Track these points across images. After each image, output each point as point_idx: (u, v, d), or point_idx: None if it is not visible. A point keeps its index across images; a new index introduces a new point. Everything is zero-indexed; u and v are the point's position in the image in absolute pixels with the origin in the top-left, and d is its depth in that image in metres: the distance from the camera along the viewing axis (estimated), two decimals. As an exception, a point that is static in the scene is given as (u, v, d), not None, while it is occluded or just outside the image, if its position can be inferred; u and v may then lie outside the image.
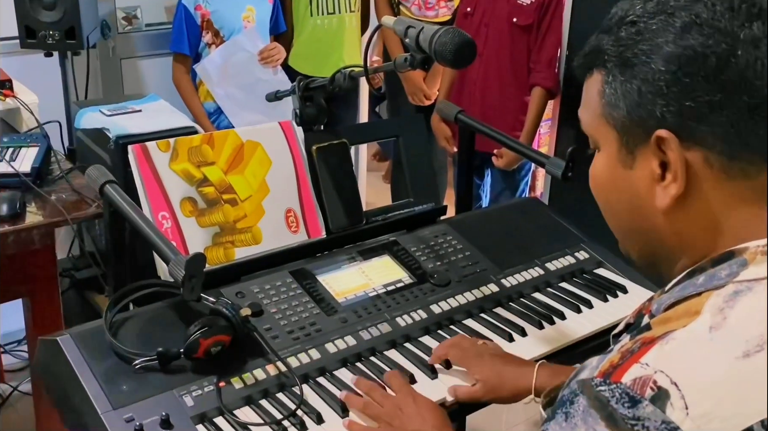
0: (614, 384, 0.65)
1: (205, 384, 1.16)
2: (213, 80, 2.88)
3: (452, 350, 1.26)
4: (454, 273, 1.52)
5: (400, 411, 1.11)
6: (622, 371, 0.66)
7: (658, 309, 0.74)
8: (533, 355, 1.33)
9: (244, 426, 1.12)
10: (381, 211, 1.64)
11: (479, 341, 1.31)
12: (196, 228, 1.39)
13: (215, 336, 1.17)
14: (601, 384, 0.66)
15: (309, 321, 1.33)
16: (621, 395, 0.65)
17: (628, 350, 0.68)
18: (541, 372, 1.19)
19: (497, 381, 1.20)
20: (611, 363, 0.68)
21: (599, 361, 0.70)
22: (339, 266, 1.47)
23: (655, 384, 0.64)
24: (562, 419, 0.68)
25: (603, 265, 1.65)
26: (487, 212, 1.97)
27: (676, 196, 0.73)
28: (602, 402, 0.65)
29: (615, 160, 0.77)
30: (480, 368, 1.21)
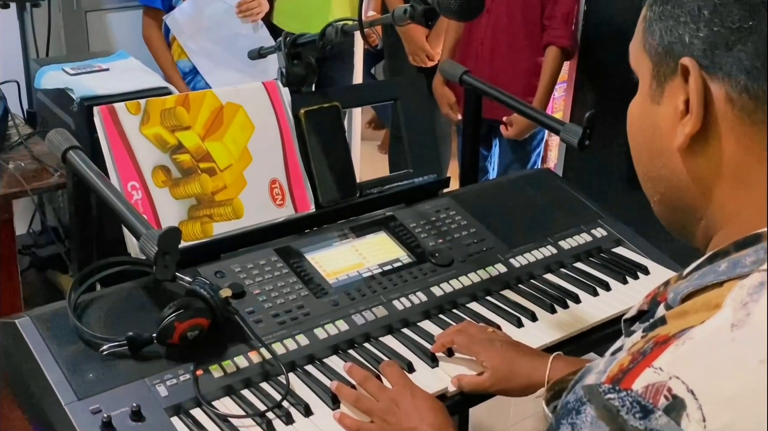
0: (624, 392, 0.65)
1: (181, 372, 1.16)
2: (185, 33, 2.85)
3: (458, 336, 1.27)
4: (458, 252, 1.51)
5: (395, 406, 1.11)
6: (632, 376, 0.65)
7: (674, 299, 0.73)
8: (544, 342, 1.34)
9: (224, 419, 1.12)
10: (377, 183, 1.64)
11: (488, 328, 1.31)
12: (170, 201, 1.39)
13: (192, 319, 1.16)
14: (609, 391, 0.66)
15: (296, 303, 1.33)
16: (632, 404, 0.64)
17: (640, 351, 0.68)
18: (556, 364, 1.19)
19: (508, 371, 1.20)
20: (621, 367, 0.67)
21: (607, 364, 0.69)
22: (329, 243, 1.47)
23: (670, 392, 0.64)
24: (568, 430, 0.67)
25: (622, 243, 1.65)
26: (495, 185, 1.97)
27: (692, 133, 0.73)
28: (611, 413, 0.65)
29: (646, 95, 0.78)
30: (489, 356, 1.22)
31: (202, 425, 1.11)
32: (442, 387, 1.23)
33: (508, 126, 2.70)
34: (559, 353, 1.23)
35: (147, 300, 1.27)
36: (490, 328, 1.30)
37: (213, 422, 1.12)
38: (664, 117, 0.76)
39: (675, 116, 0.75)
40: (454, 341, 1.26)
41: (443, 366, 1.27)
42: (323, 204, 1.54)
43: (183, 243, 1.33)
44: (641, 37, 0.79)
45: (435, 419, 1.09)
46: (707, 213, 0.76)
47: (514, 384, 1.20)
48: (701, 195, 0.76)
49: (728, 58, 0.72)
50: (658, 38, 0.76)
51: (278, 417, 1.14)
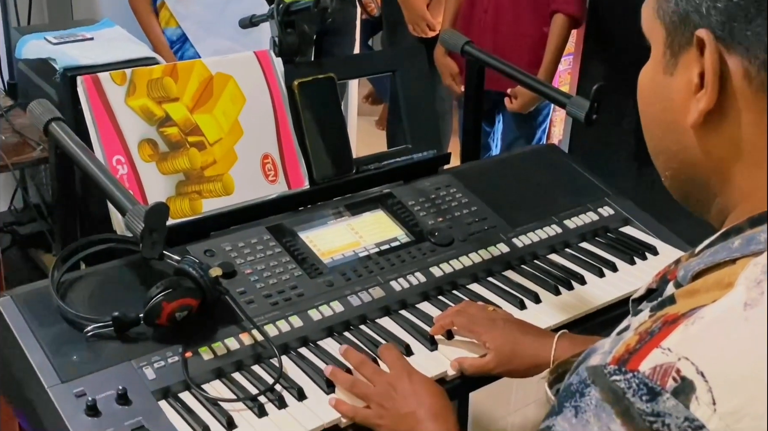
0: (631, 373, 0.65)
1: (169, 354, 1.17)
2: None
3: (458, 317, 1.27)
4: (458, 231, 1.52)
5: (393, 390, 1.12)
6: (639, 357, 0.65)
7: (684, 277, 0.73)
8: (548, 325, 1.34)
9: (214, 403, 1.13)
10: (374, 159, 1.64)
11: (488, 307, 1.31)
12: (157, 176, 1.39)
13: (180, 299, 1.17)
14: (615, 373, 0.65)
15: (289, 284, 1.33)
16: (639, 386, 0.64)
17: (647, 331, 0.67)
18: (562, 343, 1.19)
19: (511, 352, 1.20)
20: (627, 347, 0.67)
21: (613, 344, 0.69)
22: (324, 222, 1.47)
23: (678, 373, 0.63)
24: (572, 414, 0.67)
25: (630, 223, 1.65)
26: (497, 161, 1.97)
27: (706, 110, 0.73)
28: (617, 395, 0.64)
29: (659, 64, 0.77)
30: (492, 336, 1.22)
31: (191, 409, 1.12)
32: (441, 370, 1.24)
33: (512, 98, 2.70)
34: (565, 331, 1.23)
35: (133, 280, 1.27)
36: (491, 307, 1.31)
37: (202, 406, 1.13)
38: (677, 89, 0.75)
39: (689, 90, 0.74)
40: (454, 322, 1.27)
41: (442, 349, 1.28)
42: (318, 180, 1.54)
43: (171, 220, 1.33)
44: (654, 2, 0.77)
45: (434, 403, 1.10)
46: (722, 190, 0.76)
47: (519, 365, 1.20)
48: (716, 172, 0.75)
49: (747, 32, 0.70)
50: (674, 5, 0.74)
51: (270, 401, 1.14)
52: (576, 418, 0.67)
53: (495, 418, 2.66)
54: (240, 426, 1.10)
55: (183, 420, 1.10)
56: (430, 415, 1.08)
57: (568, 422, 0.67)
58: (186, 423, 1.10)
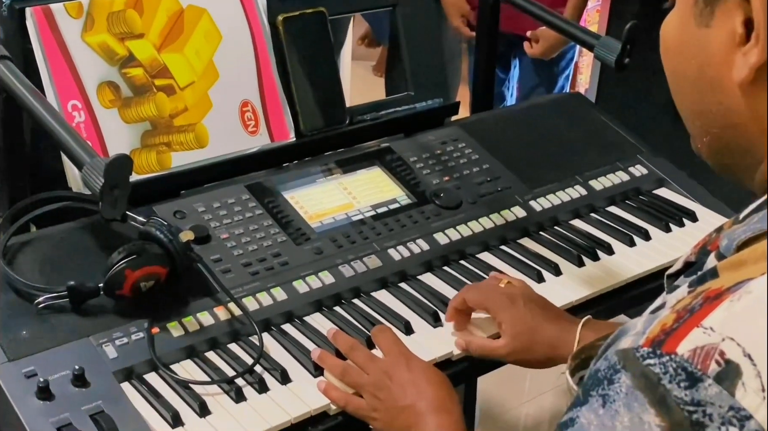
0: (667, 356, 0.65)
1: (133, 329, 1.17)
2: None
3: (470, 293, 1.26)
4: (467, 192, 1.51)
5: (388, 379, 1.11)
6: (677, 338, 0.65)
7: (728, 247, 0.73)
8: (569, 300, 1.35)
9: (185, 385, 1.13)
10: (370, 108, 1.63)
11: (504, 279, 1.30)
12: (120, 124, 1.38)
13: (146, 267, 1.16)
14: (649, 356, 0.65)
15: (272, 251, 1.33)
16: (676, 370, 0.64)
17: (687, 308, 0.67)
18: (587, 332, 1.18)
19: (529, 340, 1.19)
20: (663, 327, 0.67)
21: (646, 325, 0.69)
22: (313, 180, 1.47)
23: (722, 356, 0.63)
24: (599, 404, 0.67)
25: (666, 184, 1.65)
26: (513, 111, 1.97)
27: (757, 65, 0.71)
28: (651, 381, 0.65)
29: (689, 15, 0.76)
30: (510, 318, 1.20)
31: (158, 392, 1.12)
32: (446, 350, 1.24)
33: (533, 42, 2.68)
34: (590, 317, 1.22)
35: (92, 244, 1.27)
36: (506, 279, 1.29)
37: (171, 389, 1.13)
38: (717, 43, 0.74)
39: (731, 42, 0.72)
40: (466, 298, 1.25)
41: (448, 326, 1.28)
42: (305, 132, 1.54)
43: (135, 176, 1.34)
44: None
45: (435, 394, 1.09)
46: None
47: (536, 355, 1.20)
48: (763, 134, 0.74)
49: None
50: None
51: (250, 384, 1.15)
52: (604, 408, 0.67)
53: (506, 407, 2.68)
54: (214, 412, 1.11)
55: (149, 405, 1.10)
56: (431, 408, 1.07)
57: (595, 413, 0.67)
58: (152, 408, 1.10)
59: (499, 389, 2.66)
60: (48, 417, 1.04)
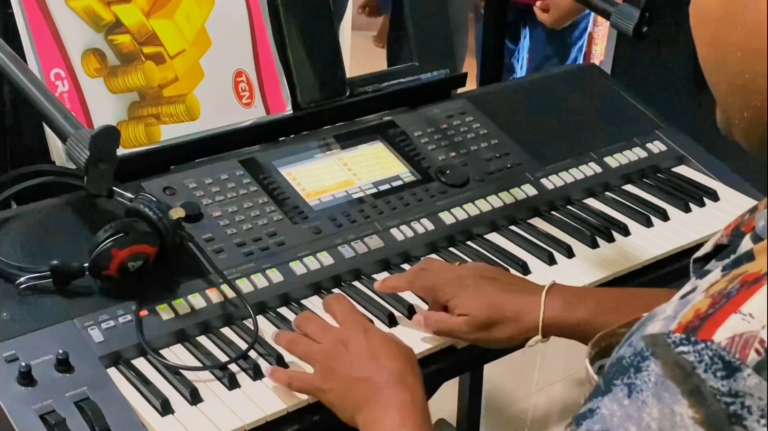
0: (702, 343, 0.64)
1: (120, 312, 1.17)
2: None
3: (418, 279, 1.24)
4: (475, 169, 1.51)
5: (343, 348, 1.09)
6: (713, 324, 0.65)
7: (765, 228, 0.73)
8: (582, 284, 1.35)
9: (176, 371, 1.13)
10: (372, 80, 1.63)
11: (454, 263, 1.29)
12: (105, 95, 1.38)
13: (134, 246, 1.16)
14: (682, 343, 0.65)
15: (267, 230, 1.33)
16: (712, 359, 0.64)
17: (722, 292, 0.67)
18: (553, 300, 1.16)
19: (488, 314, 1.17)
20: (697, 312, 0.66)
21: (677, 309, 0.68)
22: (311, 155, 1.47)
23: (762, 344, 0.63)
24: (623, 393, 0.67)
25: (686, 161, 1.65)
26: (524, 84, 1.96)
27: None
28: (685, 370, 0.64)
29: None
30: (461, 300, 1.19)
31: (146, 378, 1.12)
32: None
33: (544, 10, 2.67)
34: (555, 282, 1.20)
35: (76, 222, 1.27)
36: (457, 262, 1.28)
37: (161, 375, 1.13)
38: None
39: None
40: (413, 286, 1.25)
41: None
42: (303, 104, 1.53)
43: (122, 150, 1.33)
44: None
45: (395, 367, 1.05)
46: None
47: (499, 331, 1.17)
48: None
49: None
50: None
51: (243, 371, 1.15)
52: (629, 398, 0.66)
53: (514, 398, 2.69)
54: (206, 399, 1.11)
55: (137, 392, 1.10)
56: (390, 382, 1.04)
57: (619, 403, 0.67)
58: (141, 395, 1.10)
59: (506, 378, 2.67)
60: (30, 403, 1.04)
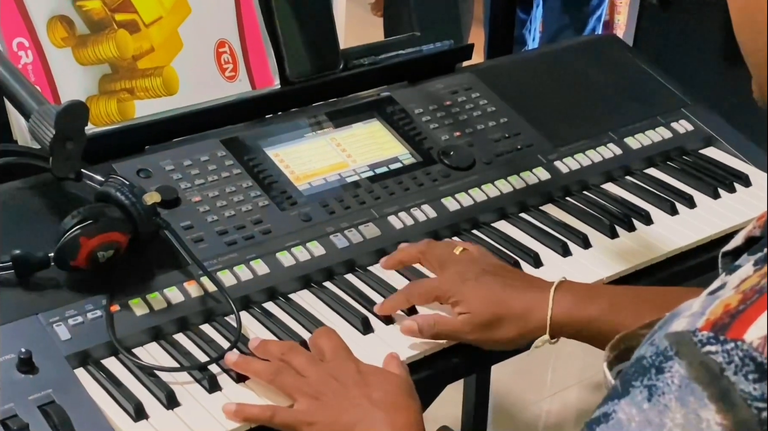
0: (732, 343, 0.64)
1: (89, 307, 1.17)
2: None
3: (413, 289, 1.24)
4: (482, 150, 1.51)
5: (334, 381, 1.09)
6: (744, 322, 0.65)
7: None
8: (600, 277, 1.35)
9: (150, 372, 1.13)
10: (368, 51, 1.63)
11: (458, 246, 1.28)
12: (74, 66, 1.38)
13: (104, 234, 1.16)
14: (710, 342, 0.65)
15: (252, 217, 1.33)
16: (743, 360, 0.63)
17: (754, 288, 0.67)
18: (562, 297, 1.17)
19: (493, 312, 1.18)
20: (726, 309, 0.66)
21: (705, 305, 0.68)
22: (300, 134, 1.47)
23: None
24: (643, 396, 0.67)
25: (715, 143, 1.65)
26: (536, 56, 1.96)
27: None
28: (712, 371, 0.64)
29: None
30: (465, 294, 1.19)
31: (118, 380, 1.12)
32: (454, 335, 1.24)
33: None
34: (565, 278, 1.21)
35: (41, 207, 1.27)
36: (460, 247, 1.27)
37: (134, 376, 1.13)
38: None
39: None
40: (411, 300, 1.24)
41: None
42: (292, 78, 1.54)
43: (92, 127, 1.33)
44: None
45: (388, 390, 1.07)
46: None
47: (504, 331, 1.18)
48: None
49: None
50: None
51: (225, 372, 1.15)
52: (649, 402, 0.66)
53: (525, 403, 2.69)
54: (184, 402, 1.11)
55: (108, 395, 1.10)
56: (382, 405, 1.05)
57: (638, 407, 0.67)
58: (111, 398, 1.10)
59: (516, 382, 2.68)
60: (-11, 407, 1.04)
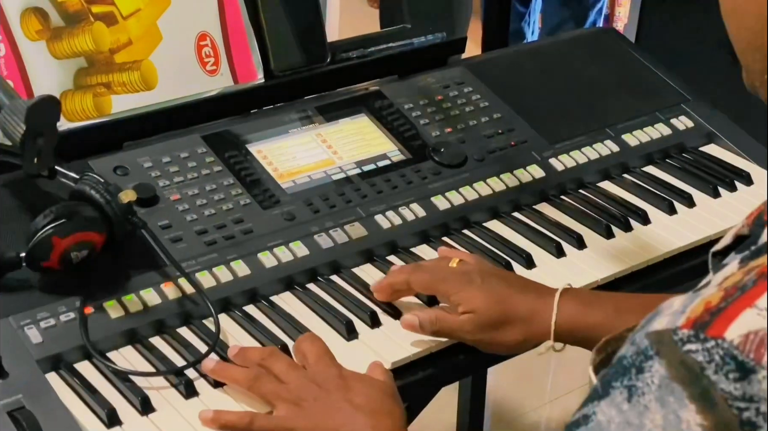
0: (713, 341, 0.65)
1: (62, 309, 1.17)
2: None
3: (415, 274, 1.25)
4: (474, 147, 1.51)
5: (316, 387, 1.10)
6: (726, 319, 0.65)
7: None
8: (594, 279, 1.35)
9: (125, 377, 1.13)
10: (357, 44, 1.63)
11: (454, 259, 1.27)
12: (48, 60, 1.38)
13: (78, 233, 1.16)
14: (690, 340, 0.66)
15: (233, 216, 1.33)
16: (723, 359, 0.64)
17: (737, 285, 0.68)
18: (567, 302, 1.19)
19: (497, 313, 1.18)
20: (708, 306, 0.67)
21: (686, 302, 0.69)
22: (285, 130, 1.47)
23: None
24: (623, 397, 0.67)
25: (716, 139, 1.65)
26: (531, 50, 1.96)
27: None
28: (692, 370, 0.65)
29: None
30: (467, 295, 1.20)
31: (91, 385, 1.12)
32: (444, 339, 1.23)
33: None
34: (570, 285, 1.22)
35: (12, 206, 1.27)
36: (457, 259, 1.27)
37: (108, 381, 1.13)
38: None
39: None
40: (410, 281, 1.24)
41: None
42: (276, 72, 1.54)
43: (67, 123, 1.34)
44: None
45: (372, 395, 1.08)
46: None
47: (507, 334, 1.19)
48: None
49: None
50: None
51: (202, 377, 1.14)
52: (629, 403, 0.67)
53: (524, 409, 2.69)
54: (160, 408, 1.11)
55: (80, 400, 1.10)
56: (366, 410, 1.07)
57: (617, 408, 0.67)
58: (84, 404, 1.10)
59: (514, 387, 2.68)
60: (-44, 413, 1.04)
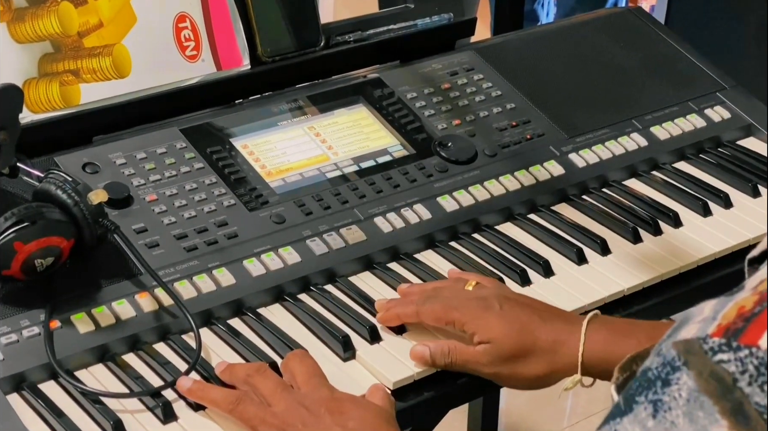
0: (746, 350, 0.65)
1: (25, 323, 1.17)
2: None
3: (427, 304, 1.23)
4: (485, 141, 1.52)
5: (303, 409, 1.10)
6: (760, 326, 0.66)
7: None
8: (618, 289, 1.35)
9: (95, 399, 1.13)
10: (353, 26, 1.64)
11: (471, 282, 1.27)
12: (9, 45, 1.38)
13: (42, 238, 1.17)
14: (722, 349, 0.66)
15: (216, 219, 1.34)
16: (758, 369, 0.65)
17: None
18: (595, 331, 1.19)
19: (518, 343, 1.19)
20: (740, 311, 0.68)
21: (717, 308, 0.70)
22: (273, 122, 1.48)
23: None
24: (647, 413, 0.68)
25: (754, 132, 1.66)
26: (548, 32, 1.95)
27: None
28: (724, 383, 0.65)
29: None
30: (485, 324, 1.19)
31: (57, 407, 1.12)
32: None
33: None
34: (597, 312, 1.21)
35: (-30, 208, 1.27)
36: (473, 281, 1.27)
37: (76, 403, 1.13)
38: None
39: None
40: (420, 312, 1.24)
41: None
42: (264, 57, 1.54)
43: (31, 115, 1.34)
44: None
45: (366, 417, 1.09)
46: None
47: (530, 366, 1.19)
48: None
49: None
50: None
51: (182, 398, 1.15)
52: (654, 419, 0.67)
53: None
54: (134, 434, 1.11)
55: (45, 424, 1.11)
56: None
57: (641, 425, 0.68)
58: (49, 428, 1.10)
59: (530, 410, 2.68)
60: None
